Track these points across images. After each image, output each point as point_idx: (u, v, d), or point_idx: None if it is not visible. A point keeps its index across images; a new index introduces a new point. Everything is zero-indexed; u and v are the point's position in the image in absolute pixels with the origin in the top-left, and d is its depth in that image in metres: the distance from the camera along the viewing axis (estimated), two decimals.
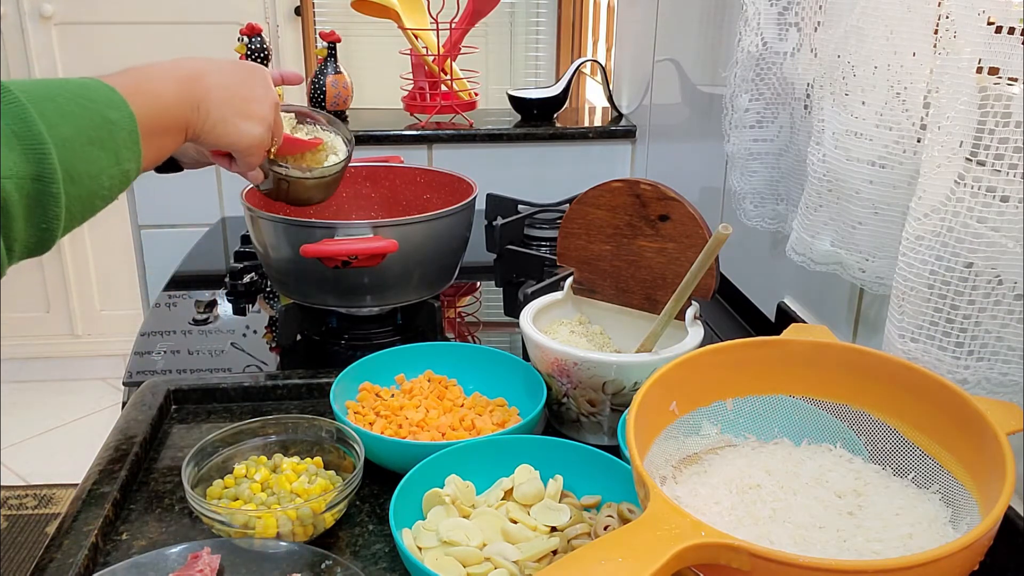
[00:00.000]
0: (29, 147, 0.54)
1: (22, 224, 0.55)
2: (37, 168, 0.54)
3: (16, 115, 0.54)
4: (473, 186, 1.15)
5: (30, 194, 0.54)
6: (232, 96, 0.75)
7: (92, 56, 2.70)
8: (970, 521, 0.53)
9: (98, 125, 0.60)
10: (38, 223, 0.56)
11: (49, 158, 0.55)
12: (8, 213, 0.53)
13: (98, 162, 0.59)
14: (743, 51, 0.86)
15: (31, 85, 0.57)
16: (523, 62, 2.97)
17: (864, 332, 0.84)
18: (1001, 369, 0.59)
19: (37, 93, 0.56)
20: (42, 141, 0.54)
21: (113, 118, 0.61)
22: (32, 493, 2.43)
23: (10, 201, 0.53)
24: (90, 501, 0.73)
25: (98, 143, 0.59)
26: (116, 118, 0.62)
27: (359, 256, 0.97)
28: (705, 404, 0.65)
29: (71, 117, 0.57)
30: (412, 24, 1.64)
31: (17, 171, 0.53)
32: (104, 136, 0.60)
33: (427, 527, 0.66)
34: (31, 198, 0.54)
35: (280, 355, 1.07)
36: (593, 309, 0.94)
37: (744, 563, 0.45)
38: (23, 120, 0.54)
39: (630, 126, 1.73)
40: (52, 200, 0.55)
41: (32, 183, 0.54)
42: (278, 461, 0.75)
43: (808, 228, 0.76)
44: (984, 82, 0.56)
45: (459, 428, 0.82)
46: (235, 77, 0.76)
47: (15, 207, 0.53)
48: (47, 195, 0.55)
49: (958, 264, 0.58)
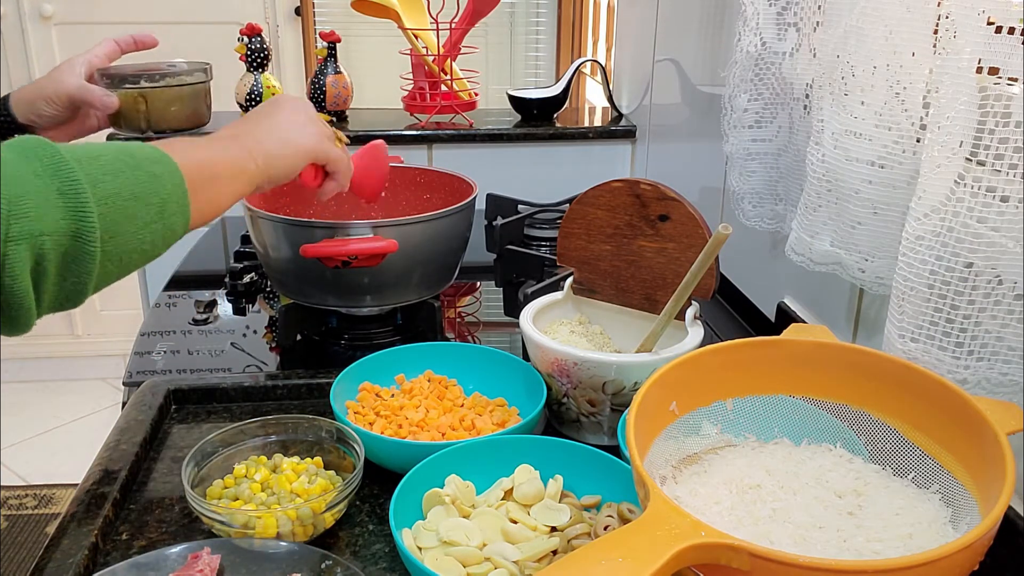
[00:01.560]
0: (71, 206, 0.55)
1: (54, 281, 0.56)
2: (77, 225, 0.55)
3: (62, 175, 0.55)
4: (473, 186, 1.15)
5: (67, 251, 0.55)
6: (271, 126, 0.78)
7: None
8: (970, 521, 0.53)
9: (142, 180, 0.61)
10: (70, 278, 0.57)
11: (90, 216, 0.56)
12: (44, 270, 0.54)
13: (140, 217, 0.60)
14: (742, 51, 0.86)
15: (78, 147, 0.58)
16: (523, 62, 2.97)
17: (864, 332, 0.84)
18: (1001, 369, 0.59)
19: (83, 153, 0.58)
20: (85, 200, 0.55)
21: (157, 172, 0.62)
22: (32, 493, 2.43)
23: (46, 258, 0.54)
24: (90, 501, 0.73)
25: (142, 198, 0.60)
26: (160, 172, 0.63)
27: (359, 256, 0.97)
28: (705, 404, 0.65)
29: (114, 174, 0.59)
30: (412, 24, 1.64)
31: (57, 228, 0.54)
32: (148, 191, 0.61)
33: (427, 527, 0.66)
34: (67, 255, 0.56)
35: (280, 355, 1.07)
36: (593, 309, 0.94)
37: (744, 563, 0.45)
38: (68, 179, 0.55)
39: (630, 126, 1.73)
40: (88, 257, 0.56)
41: (70, 240, 0.55)
42: (278, 461, 0.75)
43: (807, 228, 0.76)
44: (984, 82, 0.56)
45: (459, 428, 0.82)
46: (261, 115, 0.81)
47: (50, 264, 0.54)
48: (83, 253, 0.56)
49: (958, 264, 0.58)
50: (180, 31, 2.68)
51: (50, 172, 0.54)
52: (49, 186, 0.54)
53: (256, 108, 0.83)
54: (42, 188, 0.54)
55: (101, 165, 0.58)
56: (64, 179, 0.55)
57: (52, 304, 0.57)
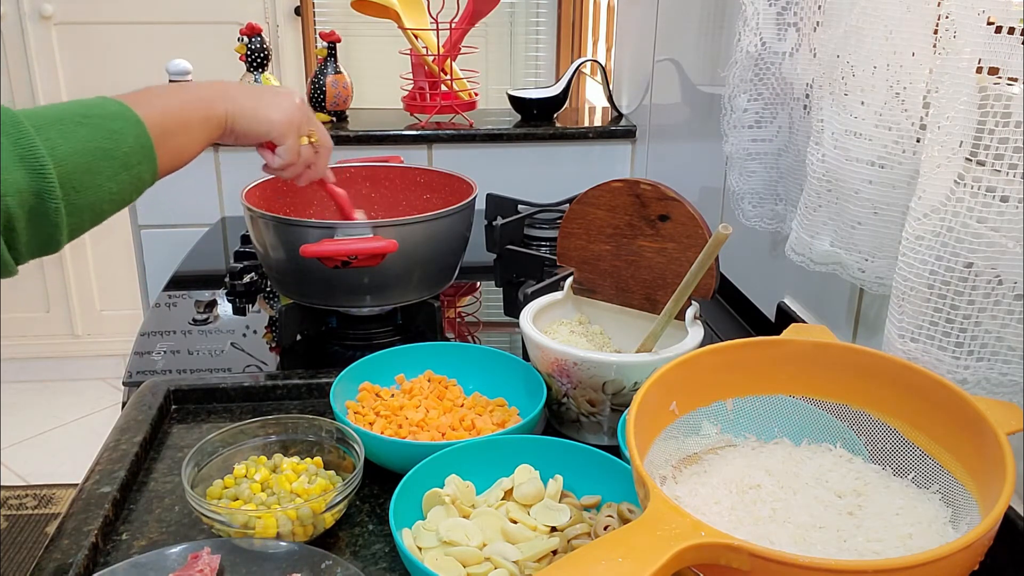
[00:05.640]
0: (30, 167, 0.62)
1: (25, 234, 0.63)
2: (37, 184, 0.62)
3: (20, 140, 0.62)
4: (473, 186, 1.15)
5: (32, 207, 0.63)
6: (254, 91, 0.85)
7: (92, 56, 2.70)
8: (970, 521, 0.53)
9: (101, 137, 0.67)
10: (41, 230, 0.64)
11: (49, 176, 0.63)
12: (12, 226, 0.62)
13: (103, 172, 0.67)
14: (742, 51, 0.86)
15: (40, 112, 0.65)
16: (523, 62, 2.97)
17: (864, 332, 0.84)
18: (1001, 369, 0.59)
19: (44, 118, 0.65)
20: (43, 163, 0.62)
21: (117, 127, 0.68)
22: (32, 493, 2.43)
23: (13, 215, 0.62)
24: (90, 501, 0.73)
25: (102, 154, 0.67)
26: (120, 127, 0.69)
27: (359, 256, 0.97)
28: (705, 404, 0.65)
29: (72, 136, 0.65)
30: (412, 24, 1.64)
31: (18, 188, 0.61)
32: (109, 146, 0.67)
33: (427, 527, 0.66)
34: (32, 211, 0.63)
35: (280, 355, 1.07)
36: (593, 309, 0.94)
37: (744, 563, 0.45)
38: (26, 145, 0.62)
39: (630, 126, 1.73)
40: (53, 211, 0.64)
41: (33, 198, 0.62)
42: (278, 461, 0.75)
43: (807, 228, 0.76)
44: (984, 82, 0.56)
45: (459, 428, 0.82)
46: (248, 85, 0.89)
47: (18, 220, 0.62)
48: (47, 207, 0.63)
49: (958, 264, 0.58)
50: (180, 31, 2.68)
51: (8, 138, 0.61)
52: (9, 151, 0.61)
53: None
54: (4, 155, 0.61)
55: (60, 128, 0.64)
56: (24, 146, 0.62)
57: (30, 252, 0.65)
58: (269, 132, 0.85)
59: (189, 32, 2.67)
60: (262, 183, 1.13)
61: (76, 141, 0.65)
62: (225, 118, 0.80)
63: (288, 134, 0.87)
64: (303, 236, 0.98)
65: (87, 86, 2.69)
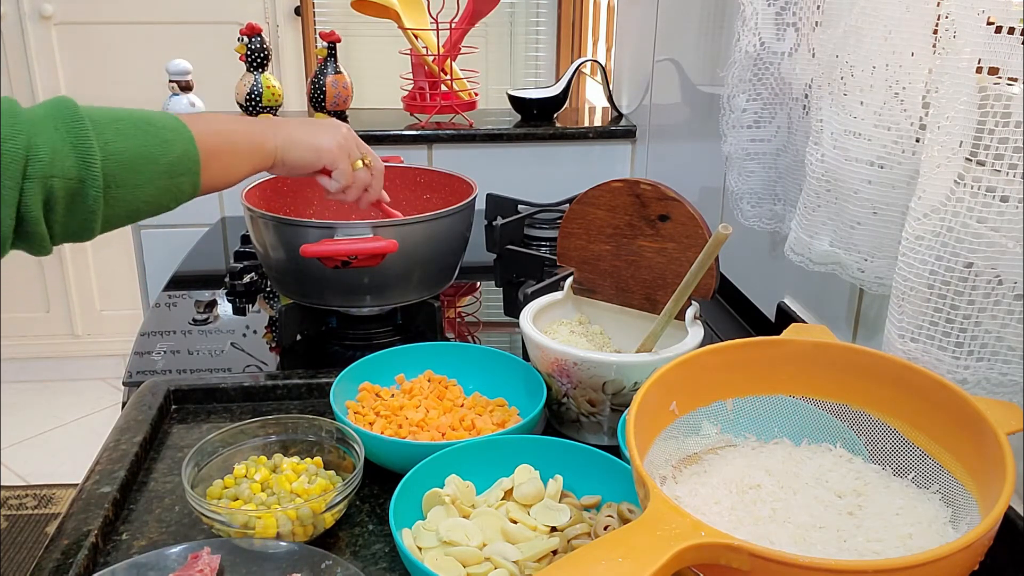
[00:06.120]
0: (80, 155, 0.68)
1: (63, 215, 0.69)
2: (83, 173, 0.68)
3: (77, 131, 0.68)
4: (473, 186, 1.15)
5: (73, 191, 0.68)
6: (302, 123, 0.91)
7: (92, 56, 2.70)
8: (970, 521, 0.53)
9: (152, 143, 0.73)
10: (78, 215, 0.70)
11: (95, 167, 0.69)
12: (52, 206, 0.68)
13: (145, 174, 0.73)
14: (741, 51, 0.86)
15: (102, 110, 0.72)
16: (523, 62, 2.97)
17: (864, 332, 0.84)
18: (1001, 369, 0.59)
19: (104, 116, 0.71)
20: (92, 153, 0.68)
21: (169, 138, 0.75)
22: (32, 493, 2.43)
23: (56, 196, 0.67)
24: (90, 501, 0.73)
25: (148, 158, 0.73)
26: (171, 138, 0.75)
27: (359, 256, 0.97)
28: (705, 404, 0.65)
29: (125, 136, 0.72)
30: (412, 24, 1.64)
31: (66, 173, 0.67)
32: (156, 153, 0.73)
33: (427, 527, 0.66)
34: (73, 194, 0.68)
35: (280, 355, 1.07)
36: (593, 309, 0.94)
37: (744, 563, 0.45)
38: (82, 135, 0.68)
39: (630, 126, 1.73)
40: (91, 200, 0.69)
41: (77, 184, 0.68)
42: (278, 461, 0.75)
43: (807, 228, 0.76)
44: (984, 82, 0.56)
45: (459, 428, 0.82)
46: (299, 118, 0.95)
47: (59, 202, 0.68)
48: (87, 194, 0.69)
49: (958, 264, 0.58)
50: (180, 31, 2.68)
51: (66, 127, 0.68)
52: (65, 139, 0.67)
53: None
54: (58, 140, 0.67)
55: (116, 128, 0.71)
56: (77, 135, 0.68)
57: (64, 235, 0.70)
58: (319, 158, 0.90)
59: (189, 32, 2.67)
60: (262, 183, 1.13)
61: (127, 141, 0.71)
62: (275, 150, 0.86)
63: (340, 159, 0.92)
64: (303, 236, 0.98)
65: (87, 86, 2.70)
